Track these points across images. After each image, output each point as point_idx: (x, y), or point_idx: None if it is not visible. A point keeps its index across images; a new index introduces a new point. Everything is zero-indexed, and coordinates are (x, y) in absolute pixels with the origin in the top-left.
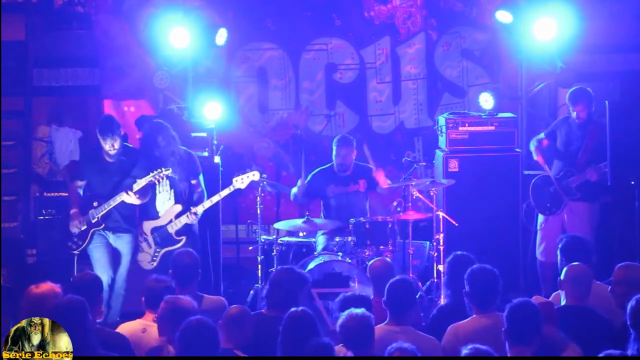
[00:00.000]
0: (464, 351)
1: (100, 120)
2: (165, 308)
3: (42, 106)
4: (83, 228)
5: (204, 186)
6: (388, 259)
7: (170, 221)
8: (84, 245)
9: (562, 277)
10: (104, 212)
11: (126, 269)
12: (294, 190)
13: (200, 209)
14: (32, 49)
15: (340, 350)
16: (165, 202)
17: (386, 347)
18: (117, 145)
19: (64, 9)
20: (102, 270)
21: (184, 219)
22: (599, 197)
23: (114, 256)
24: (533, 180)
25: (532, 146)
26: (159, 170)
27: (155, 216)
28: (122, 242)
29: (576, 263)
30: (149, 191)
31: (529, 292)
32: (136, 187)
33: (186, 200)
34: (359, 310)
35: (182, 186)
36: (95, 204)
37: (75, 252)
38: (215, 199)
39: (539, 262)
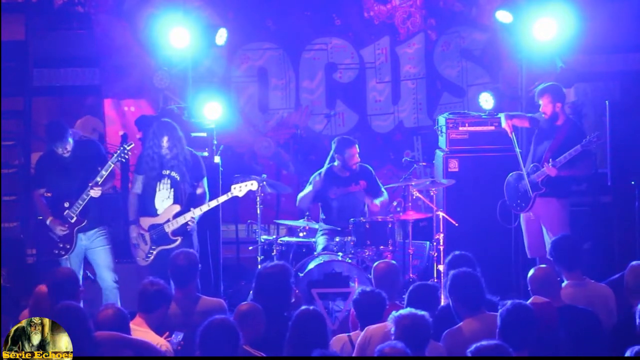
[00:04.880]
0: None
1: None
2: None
3: (42, 106)
4: (66, 232)
5: (207, 189)
6: (394, 262)
7: (168, 220)
8: (72, 247)
9: (529, 281)
10: (80, 209)
11: (109, 260)
12: (301, 195)
13: (197, 212)
14: (32, 49)
15: (341, 338)
16: (165, 201)
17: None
18: (69, 147)
19: (64, 9)
20: None
21: (181, 220)
22: (569, 193)
23: (88, 255)
24: (507, 178)
25: (503, 114)
26: (118, 150)
27: (154, 213)
28: (94, 237)
29: (542, 266)
30: (110, 180)
31: (528, 292)
32: (100, 179)
33: (186, 202)
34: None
35: (183, 187)
36: (67, 204)
37: (65, 257)
38: (213, 203)
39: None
